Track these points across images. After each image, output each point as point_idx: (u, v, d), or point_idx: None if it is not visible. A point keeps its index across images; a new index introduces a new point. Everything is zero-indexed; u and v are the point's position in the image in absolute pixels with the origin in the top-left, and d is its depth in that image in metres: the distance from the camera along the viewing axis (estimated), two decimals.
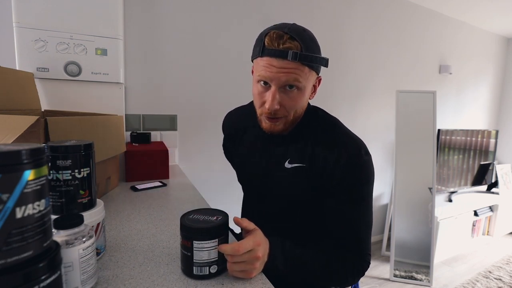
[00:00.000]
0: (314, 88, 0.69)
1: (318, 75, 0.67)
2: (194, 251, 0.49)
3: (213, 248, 0.50)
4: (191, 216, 0.53)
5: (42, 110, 1.02)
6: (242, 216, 0.89)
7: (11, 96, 0.85)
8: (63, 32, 1.09)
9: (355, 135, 0.71)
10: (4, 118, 0.59)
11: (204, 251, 0.49)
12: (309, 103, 0.76)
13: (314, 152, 0.67)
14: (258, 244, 0.52)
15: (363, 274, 0.64)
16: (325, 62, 0.64)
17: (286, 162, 0.71)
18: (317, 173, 0.66)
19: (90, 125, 0.84)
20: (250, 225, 0.56)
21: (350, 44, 2.11)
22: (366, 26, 2.17)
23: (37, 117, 0.61)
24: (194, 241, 0.49)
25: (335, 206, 0.65)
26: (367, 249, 0.65)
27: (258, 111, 0.67)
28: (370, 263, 0.65)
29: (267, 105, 0.62)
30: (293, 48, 0.57)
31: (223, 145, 0.99)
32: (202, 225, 0.50)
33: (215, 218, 0.53)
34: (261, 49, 0.60)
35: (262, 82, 0.62)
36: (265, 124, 0.67)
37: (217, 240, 0.51)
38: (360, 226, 0.65)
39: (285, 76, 0.58)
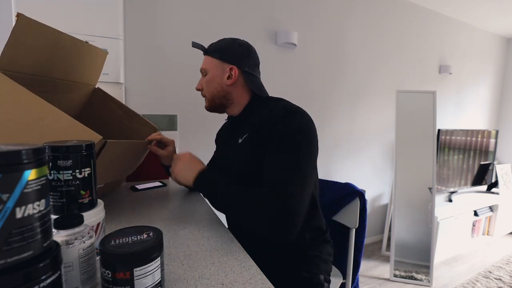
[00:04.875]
0: (231, 75, 0.83)
1: (231, 64, 0.82)
2: (135, 281, 0.40)
3: (157, 268, 0.43)
4: (113, 243, 0.42)
5: (96, 86, 1.03)
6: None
7: (82, 69, 0.90)
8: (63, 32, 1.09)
9: None
10: (73, 124, 0.61)
11: (148, 275, 0.41)
12: (263, 96, 0.85)
13: (256, 121, 0.77)
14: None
15: (286, 223, 0.60)
16: (222, 54, 0.83)
17: (239, 139, 0.81)
18: (257, 135, 0.74)
19: (135, 149, 0.87)
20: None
21: (350, 44, 2.11)
22: (367, 27, 2.17)
23: (100, 137, 0.63)
24: (135, 269, 0.40)
25: (268, 160, 0.69)
26: (293, 194, 0.62)
27: None
28: (295, 210, 0.61)
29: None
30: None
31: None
32: (139, 246, 0.41)
33: (145, 235, 0.44)
34: None
35: None
36: None
37: (159, 257, 0.43)
38: (288, 172, 0.64)
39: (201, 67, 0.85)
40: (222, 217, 0.85)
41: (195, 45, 0.85)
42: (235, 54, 0.84)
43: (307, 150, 0.68)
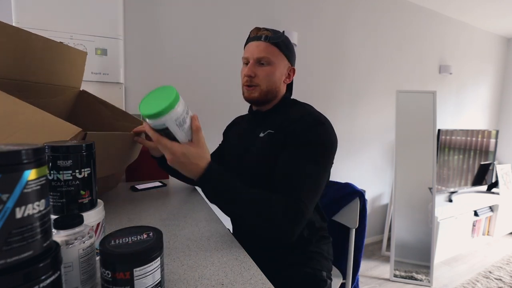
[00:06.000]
0: (289, 75, 0.84)
1: (291, 65, 0.83)
2: (135, 282, 0.40)
3: (157, 268, 0.43)
4: (113, 243, 0.41)
5: (81, 89, 1.02)
6: None
7: (61, 72, 0.88)
8: (63, 32, 1.09)
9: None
10: (50, 119, 0.59)
11: (148, 275, 0.41)
12: (290, 98, 0.87)
13: (283, 121, 0.76)
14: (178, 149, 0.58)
15: (295, 224, 0.61)
16: (289, 52, 0.80)
17: (261, 133, 0.79)
18: (282, 134, 0.74)
19: (122, 141, 0.85)
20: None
21: (350, 44, 2.11)
22: (367, 27, 2.17)
23: (80, 129, 0.61)
24: (134, 269, 0.40)
25: (286, 158, 0.69)
26: (305, 199, 0.63)
27: (242, 84, 0.82)
28: (304, 213, 0.62)
29: (245, 72, 0.78)
30: (265, 34, 0.78)
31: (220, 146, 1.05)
32: (139, 246, 0.41)
33: (145, 235, 0.44)
34: (247, 40, 0.82)
35: (245, 63, 0.80)
36: (245, 93, 0.81)
37: (159, 257, 0.43)
38: (305, 180, 0.65)
39: (258, 51, 0.77)
40: (222, 217, 0.85)
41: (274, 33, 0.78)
42: (294, 54, 0.83)
43: (326, 163, 0.70)
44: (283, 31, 0.83)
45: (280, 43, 0.77)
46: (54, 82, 0.86)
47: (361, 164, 2.35)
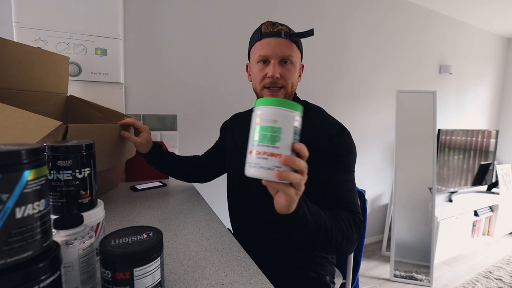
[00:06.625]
0: (299, 72, 0.80)
1: (302, 63, 0.80)
2: (135, 282, 0.40)
3: (157, 268, 0.43)
4: (113, 243, 0.42)
5: (68, 94, 1.00)
6: (229, 211, 0.90)
7: (44, 78, 0.86)
8: (63, 32, 1.09)
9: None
10: (28, 116, 0.58)
11: (148, 275, 0.41)
12: (299, 97, 0.84)
13: (305, 129, 0.72)
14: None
15: (360, 237, 0.66)
16: (302, 48, 0.79)
17: None
18: (309, 143, 0.69)
19: (109, 134, 0.84)
20: None
21: (351, 44, 2.11)
22: (368, 27, 2.17)
23: (60, 122, 0.60)
24: (134, 269, 0.40)
25: (327, 176, 0.69)
26: (358, 209, 0.68)
27: (260, 86, 0.75)
28: (363, 223, 0.67)
29: (270, 73, 0.71)
30: (284, 29, 0.72)
31: (217, 142, 1.01)
32: (139, 246, 0.41)
33: (145, 235, 0.44)
34: (259, 35, 0.73)
35: (261, 61, 0.73)
36: (265, 96, 0.74)
37: (159, 257, 0.43)
38: (351, 192, 0.68)
39: (281, 50, 0.71)
40: (222, 217, 0.85)
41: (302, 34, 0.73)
42: (300, 44, 0.78)
43: (354, 169, 0.73)
44: None
45: (298, 40, 0.74)
46: (38, 88, 0.85)
47: (361, 164, 2.35)
